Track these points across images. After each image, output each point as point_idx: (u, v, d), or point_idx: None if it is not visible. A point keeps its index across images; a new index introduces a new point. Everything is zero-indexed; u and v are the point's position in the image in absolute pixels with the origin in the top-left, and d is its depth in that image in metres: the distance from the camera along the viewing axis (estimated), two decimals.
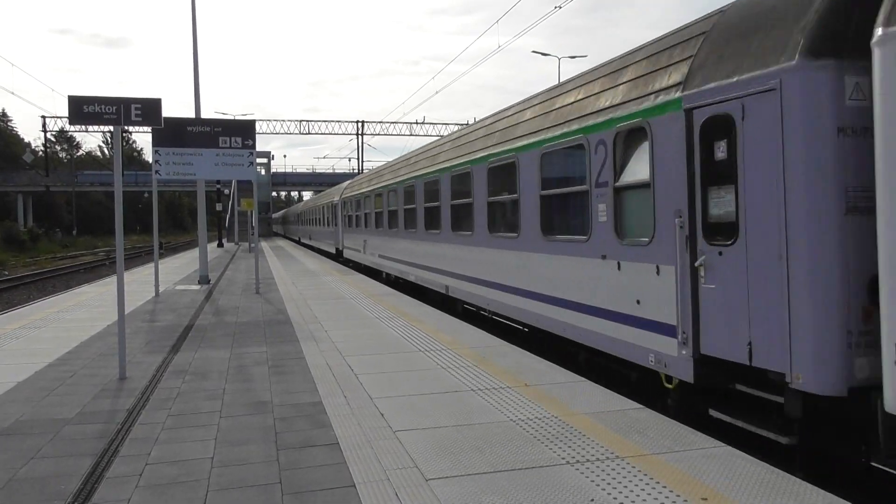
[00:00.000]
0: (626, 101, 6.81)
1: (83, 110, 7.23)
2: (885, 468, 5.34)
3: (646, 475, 4.19)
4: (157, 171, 14.43)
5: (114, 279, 17.34)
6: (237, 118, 28.85)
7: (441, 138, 16.02)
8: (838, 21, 4.77)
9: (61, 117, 71.65)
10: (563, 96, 8.63)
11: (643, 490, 3.96)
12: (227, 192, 47.95)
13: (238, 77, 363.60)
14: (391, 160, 21.24)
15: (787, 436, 5.00)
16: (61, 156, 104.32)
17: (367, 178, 23.32)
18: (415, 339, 9.02)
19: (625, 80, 7.10)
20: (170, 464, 4.61)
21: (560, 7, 25.59)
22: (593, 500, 3.85)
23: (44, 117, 72.48)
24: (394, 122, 77.87)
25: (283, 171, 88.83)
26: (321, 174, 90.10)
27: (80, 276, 31.16)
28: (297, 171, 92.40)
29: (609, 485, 4.05)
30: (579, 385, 6.42)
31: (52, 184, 79.23)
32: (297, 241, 52.14)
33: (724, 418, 5.55)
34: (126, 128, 7.97)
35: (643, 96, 6.53)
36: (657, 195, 6.20)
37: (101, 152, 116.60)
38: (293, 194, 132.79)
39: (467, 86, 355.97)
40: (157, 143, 14.29)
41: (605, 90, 7.46)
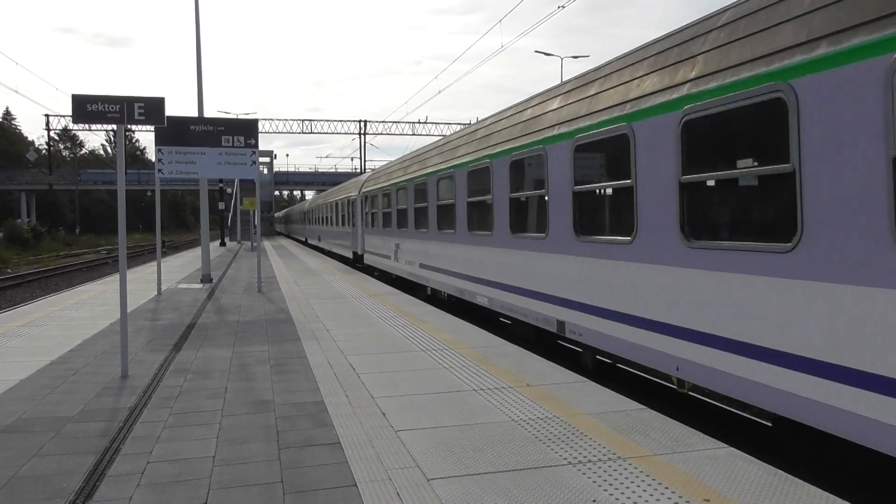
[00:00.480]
0: None
1: (87, 109, 7.24)
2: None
3: (648, 476, 4.18)
4: (160, 170, 14.46)
5: (116, 277, 17.37)
6: (240, 117, 28.90)
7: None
8: None
9: (65, 116, 71.98)
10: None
11: (645, 491, 3.96)
12: (229, 191, 47.99)
13: (240, 76, 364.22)
14: (429, 145, 16.16)
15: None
16: (64, 154, 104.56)
17: (400, 165, 18.02)
18: (416, 338, 9.02)
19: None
20: (171, 462, 4.62)
21: (563, 7, 25.60)
22: (595, 500, 3.84)
23: (47, 116, 72.77)
24: (396, 122, 77.92)
25: (285, 170, 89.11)
26: (323, 173, 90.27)
27: (83, 275, 31.21)
28: (300, 170, 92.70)
29: (611, 485, 4.05)
30: (581, 385, 6.41)
31: (56, 182, 79.43)
32: (304, 242, 49.10)
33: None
34: (129, 127, 7.97)
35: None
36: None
37: (105, 151, 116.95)
38: (296, 193, 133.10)
39: (470, 85, 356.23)
40: (160, 141, 14.31)
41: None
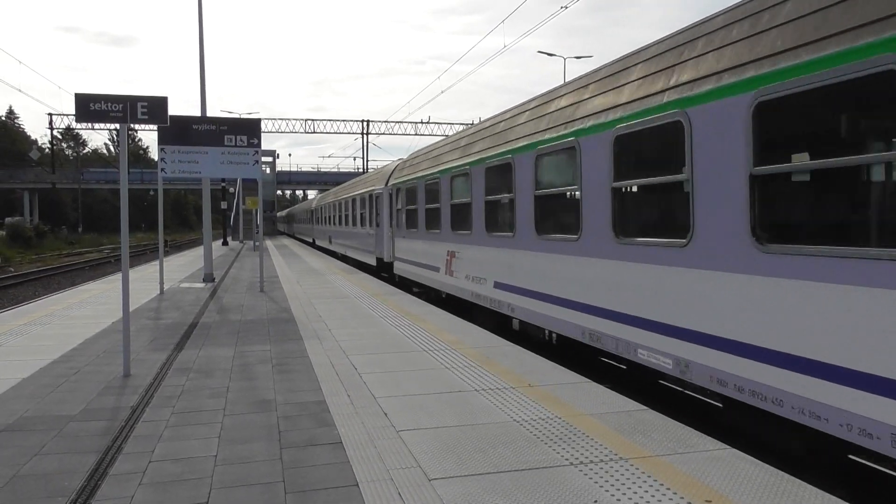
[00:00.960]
0: None
1: (90, 108, 7.24)
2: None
3: (649, 477, 4.18)
4: (162, 169, 14.46)
5: (118, 276, 17.39)
6: (243, 117, 28.92)
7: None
8: None
9: (68, 115, 71.93)
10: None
11: (646, 492, 3.95)
12: (232, 190, 48.00)
13: (243, 75, 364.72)
14: (506, 111, 11.05)
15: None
16: (67, 153, 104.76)
17: (454, 145, 13.04)
18: (418, 338, 9.02)
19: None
20: (173, 461, 4.62)
21: (566, 7, 25.58)
22: (596, 501, 3.84)
23: (50, 115, 72.79)
24: (399, 122, 77.79)
25: (287, 169, 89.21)
26: (326, 173, 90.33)
27: (86, 274, 31.26)
28: (302, 169, 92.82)
29: (612, 486, 4.04)
30: (583, 386, 6.41)
31: (59, 181, 79.50)
32: (311, 244, 45.46)
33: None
34: (132, 126, 7.98)
35: None
36: None
37: (107, 150, 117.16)
38: (298, 193, 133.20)
39: (473, 85, 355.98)
40: (162, 141, 14.31)
41: None
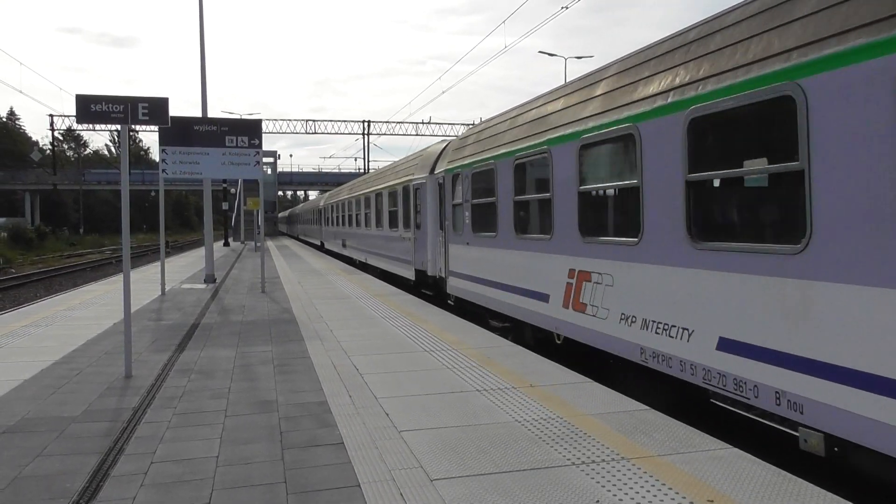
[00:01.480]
0: None
1: (91, 109, 7.24)
2: None
3: (651, 477, 4.17)
4: (163, 170, 14.48)
5: (120, 277, 17.38)
6: (244, 117, 28.92)
7: None
8: None
9: (69, 116, 72.03)
10: None
11: (648, 492, 3.95)
12: (233, 191, 48.01)
13: (244, 76, 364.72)
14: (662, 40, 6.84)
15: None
16: (68, 154, 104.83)
17: (585, 92, 7.83)
18: (420, 338, 9.02)
19: None
20: (175, 462, 4.62)
21: (567, 7, 25.57)
22: (598, 501, 3.83)
23: (51, 116, 72.97)
24: (400, 122, 77.91)
25: (289, 170, 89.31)
26: (327, 174, 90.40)
27: (87, 275, 31.28)
28: (303, 170, 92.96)
29: (615, 486, 4.04)
30: (584, 386, 6.40)
31: (60, 182, 79.60)
32: (319, 247, 39.77)
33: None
34: (133, 127, 7.99)
35: None
36: None
37: (108, 151, 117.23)
38: (299, 194, 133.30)
39: (473, 86, 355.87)
40: (163, 141, 14.33)
41: None
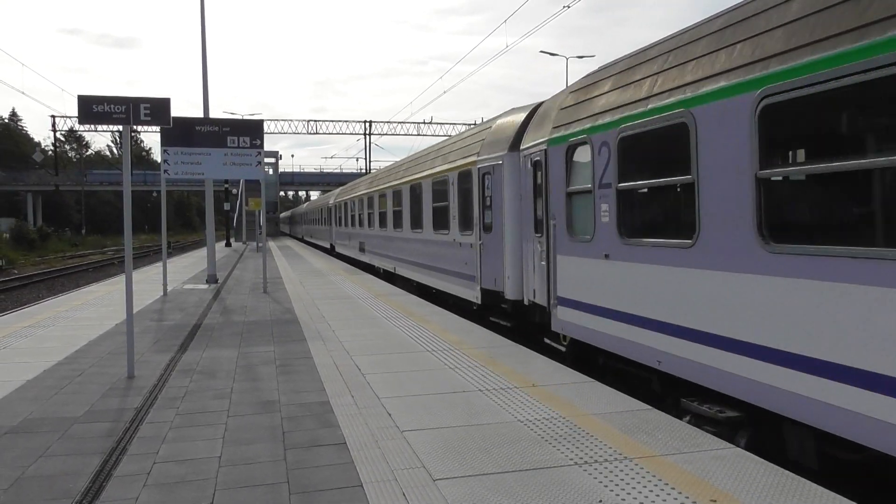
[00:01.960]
0: None
1: (93, 110, 7.25)
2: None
3: (654, 476, 4.17)
4: (165, 171, 14.49)
5: (122, 278, 17.41)
6: (245, 118, 28.93)
7: None
8: None
9: (71, 117, 72.30)
10: None
11: (651, 491, 3.94)
12: (235, 191, 48.04)
13: (246, 77, 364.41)
14: None
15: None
16: (70, 155, 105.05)
17: None
18: (422, 338, 9.02)
19: None
20: (178, 462, 4.62)
21: (568, 7, 25.56)
22: (601, 501, 3.83)
23: (53, 117, 73.20)
24: (401, 122, 77.96)
25: (290, 170, 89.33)
26: (329, 174, 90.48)
27: (89, 275, 31.32)
28: (305, 170, 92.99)
29: (617, 486, 4.03)
30: (587, 385, 6.40)
31: (62, 183, 79.78)
32: (329, 250, 34.15)
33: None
34: (135, 127, 8.01)
35: None
36: None
37: (110, 152, 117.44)
38: (301, 194, 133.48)
39: (475, 85, 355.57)
40: (165, 142, 14.34)
41: None
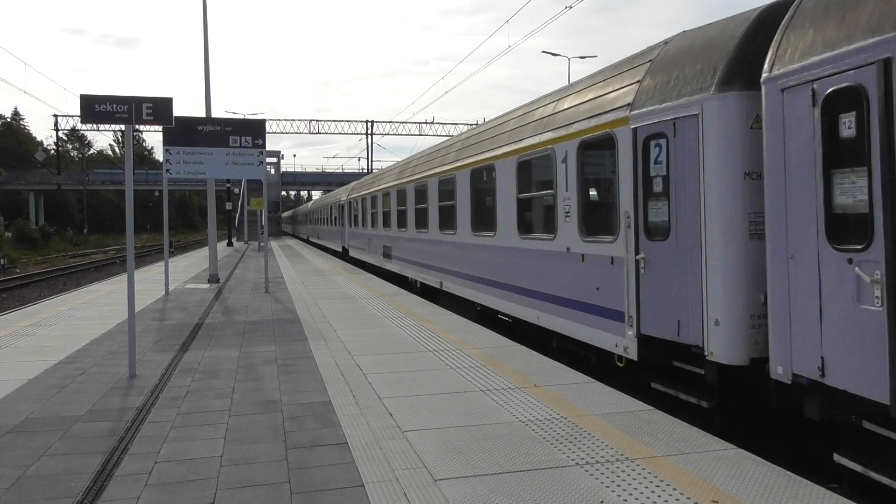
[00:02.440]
0: None
1: (95, 109, 7.26)
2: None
3: (656, 477, 4.16)
4: (167, 170, 14.50)
5: (124, 277, 17.43)
6: (247, 118, 28.95)
7: None
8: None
9: (73, 116, 72.39)
10: None
11: (653, 492, 3.94)
12: (236, 191, 48.10)
13: (248, 76, 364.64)
14: None
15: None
16: (73, 154, 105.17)
17: None
18: (424, 338, 9.02)
19: None
20: (179, 462, 4.63)
21: (570, 7, 25.55)
22: (603, 501, 3.82)
23: (56, 116, 73.30)
24: (403, 122, 78.01)
25: (292, 170, 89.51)
26: (330, 174, 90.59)
27: (91, 275, 31.37)
28: (307, 170, 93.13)
29: (619, 486, 4.03)
30: (589, 386, 6.39)
31: (64, 182, 79.90)
32: (341, 254, 29.84)
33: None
34: (137, 127, 8.01)
35: None
36: None
37: (113, 151, 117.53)
38: (303, 194, 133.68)
39: (477, 85, 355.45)
40: (168, 142, 14.35)
41: None
